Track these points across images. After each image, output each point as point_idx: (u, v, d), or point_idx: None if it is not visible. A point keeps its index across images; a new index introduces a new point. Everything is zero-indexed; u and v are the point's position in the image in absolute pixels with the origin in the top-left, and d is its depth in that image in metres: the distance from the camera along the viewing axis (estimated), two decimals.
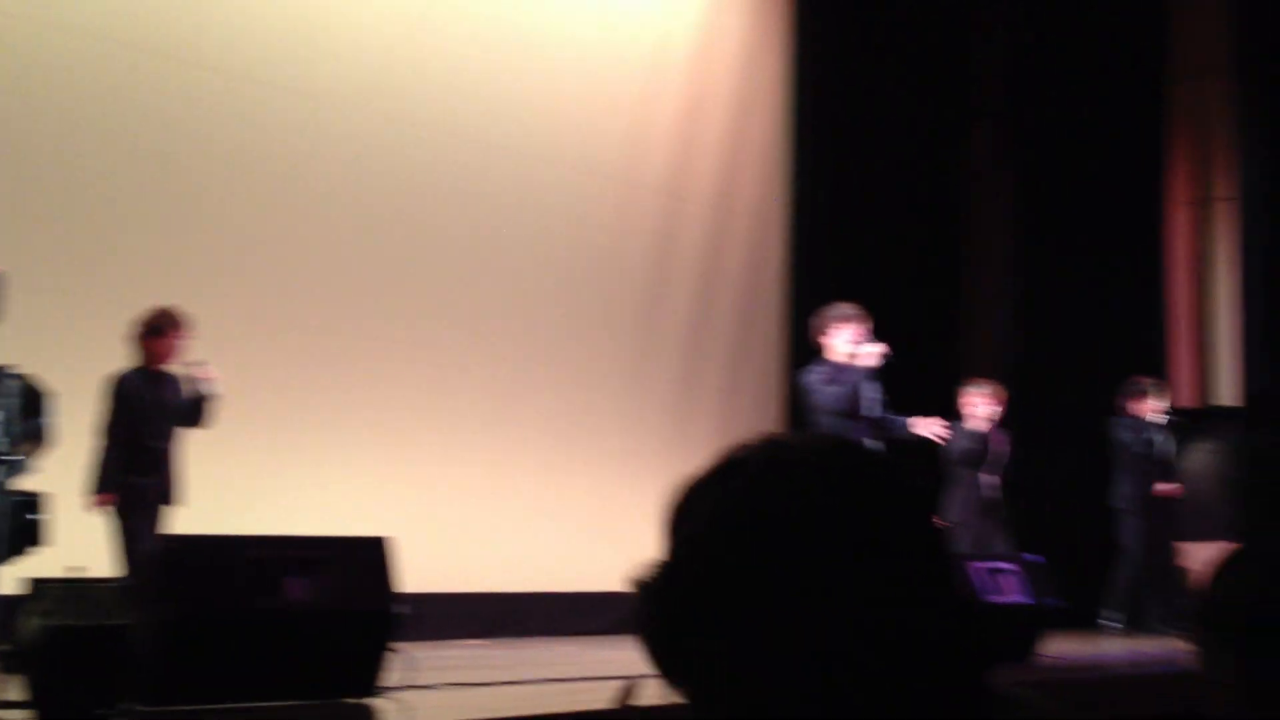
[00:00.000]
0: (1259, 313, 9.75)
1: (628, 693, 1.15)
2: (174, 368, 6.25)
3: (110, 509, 5.89)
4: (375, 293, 7.91)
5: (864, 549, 0.95)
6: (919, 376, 8.83)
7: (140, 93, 7.14)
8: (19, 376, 3.31)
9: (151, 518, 5.95)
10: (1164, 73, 10.69)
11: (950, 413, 8.46)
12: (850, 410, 6.65)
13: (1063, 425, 10.46)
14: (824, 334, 6.82)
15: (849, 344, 6.70)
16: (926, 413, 7.35)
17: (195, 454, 6.72)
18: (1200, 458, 10.57)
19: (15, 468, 4.09)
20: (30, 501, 3.45)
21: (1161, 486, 8.96)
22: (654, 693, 1.04)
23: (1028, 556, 5.96)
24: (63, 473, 5.44)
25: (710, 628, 0.96)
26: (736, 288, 9.79)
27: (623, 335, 9.08)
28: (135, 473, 6.02)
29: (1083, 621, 9.09)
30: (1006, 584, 5.54)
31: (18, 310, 5.29)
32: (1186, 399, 10.61)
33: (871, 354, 6.65)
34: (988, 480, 8.26)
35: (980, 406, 8.28)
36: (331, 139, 7.80)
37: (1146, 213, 10.52)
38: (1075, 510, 10.11)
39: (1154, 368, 10.03)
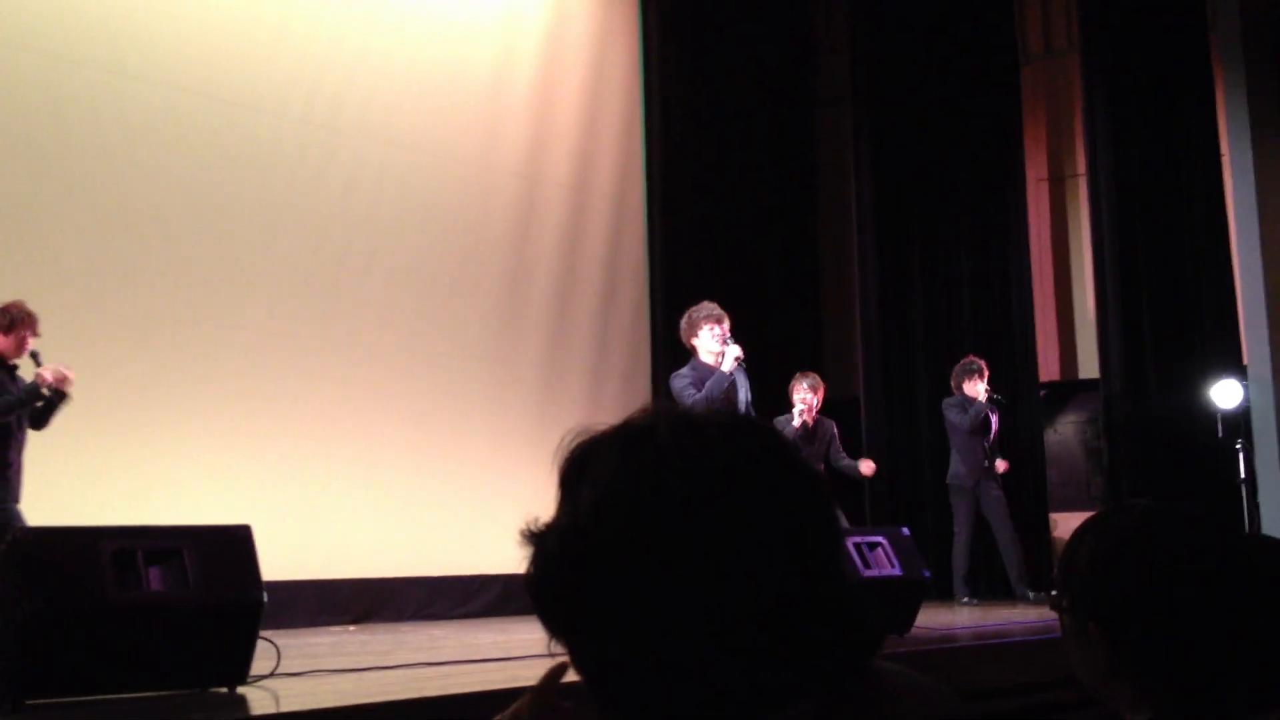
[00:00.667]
0: (1110, 288, 10.04)
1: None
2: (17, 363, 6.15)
3: None
4: (229, 280, 7.73)
5: (763, 526, 0.96)
6: (780, 361, 8.95)
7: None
8: None
9: (12, 512, 5.82)
10: (1016, 52, 10.92)
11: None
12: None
13: (929, 404, 10.69)
14: (694, 336, 6.73)
15: (715, 342, 6.64)
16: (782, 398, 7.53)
17: (50, 446, 6.51)
18: (1065, 430, 10.90)
19: None
20: None
21: (1001, 464, 9.20)
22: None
23: (894, 530, 6.06)
24: None
25: (603, 591, 0.96)
26: (598, 269, 9.82)
27: (486, 318, 9.03)
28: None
29: (949, 594, 9.34)
30: (878, 558, 5.63)
31: None
32: (1053, 373, 10.92)
33: (729, 358, 6.58)
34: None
35: (798, 397, 8.28)
36: (172, 126, 7.60)
37: (1005, 191, 10.76)
38: (940, 485, 10.37)
39: (1020, 341, 10.30)
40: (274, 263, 7.94)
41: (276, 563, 4.79)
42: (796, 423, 8.15)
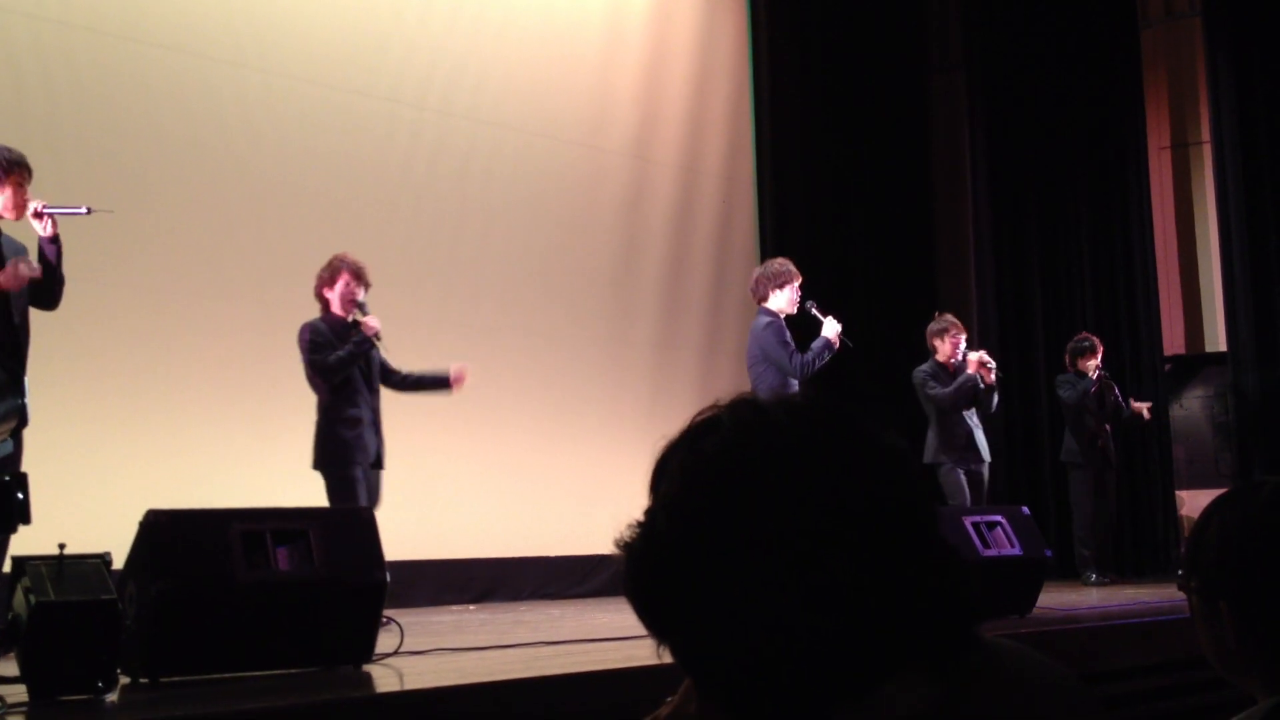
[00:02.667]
0: (1238, 256, 9.74)
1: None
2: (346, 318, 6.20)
3: (327, 463, 5.91)
4: None
5: (835, 506, 0.95)
6: (894, 335, 8.85)
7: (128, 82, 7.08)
8: None
9: (365, 473, 5.96)
10: (1136, 16, 10.62)
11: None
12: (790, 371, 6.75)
13: (1048, 380, 10.49)
14: (765, 297, 6.87)
15: (789, 304, 6.83)
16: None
17: (170, 427, 6.71)
18: (1191, 405, 10.62)
19: None
20: (18, 480, 3.45)
21: (1136, 404, 8.96)
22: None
23: (1014, 508, 5.96)
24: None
25: (689, 586, 0.97)
26: (709, 249, 9.80)
27: (599, 299, 9.08)
28: (347, 425, 6.01)
29: (1074, 573, 9.19)
30: (997, 537, 5.54)
31: None
32: (1178, 346, 10.64)
33: (831, 330, 6.79)
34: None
35: (952, 338, 7.98)
36: (289, 114, 7.75)
37: (1126, 159, 10.49)
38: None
39: (1144, 315, 10.05)
40: (389, 246, 8.06)
41: (397, 543, 4.88)
42: (972, 369, 7.83)
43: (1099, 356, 8.92)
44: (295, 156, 7.73)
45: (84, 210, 5.15)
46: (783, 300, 6.83)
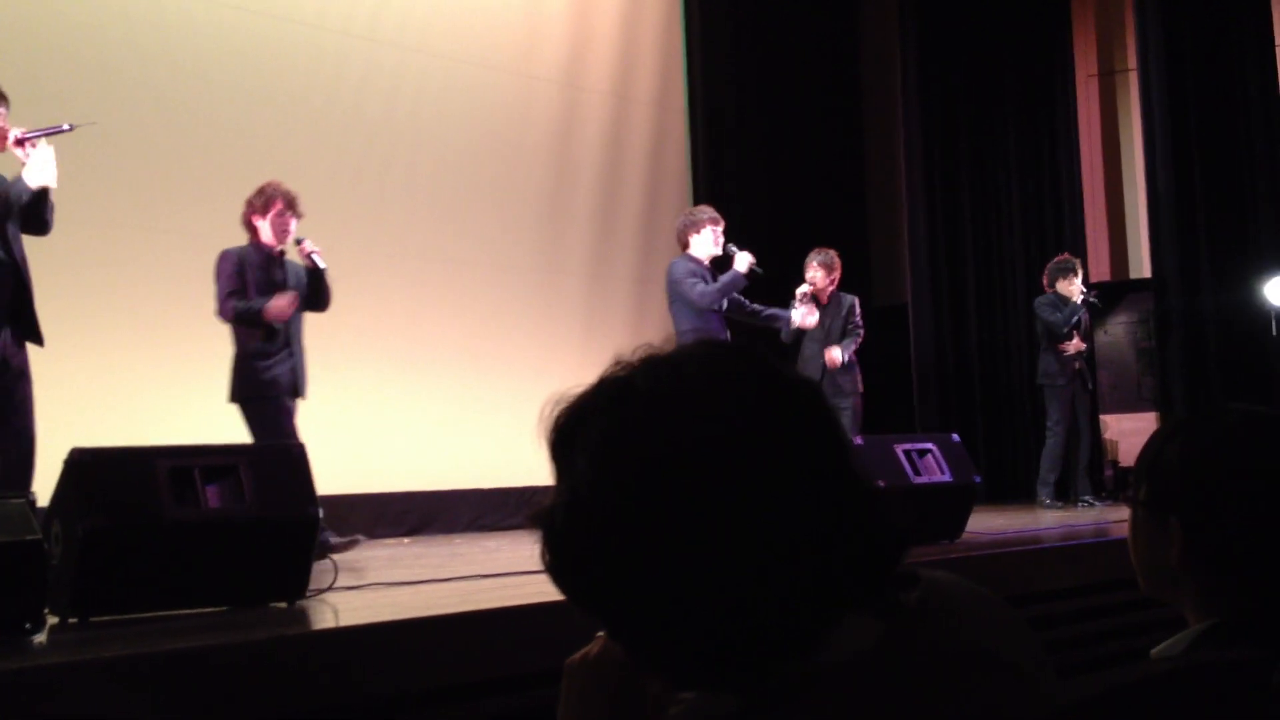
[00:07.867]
0: (1163, 184, 9.86)
1: None
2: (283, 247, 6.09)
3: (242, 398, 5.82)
4: None
5: (761, 452, 0.94)
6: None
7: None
8: None
9: (283, 406, 5.85)
10: None
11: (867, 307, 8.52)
12: (718, 308, 7.05)
13: (979, 308, 10.61)
14: (695, 233, 7.14)
15: (712, 246, 7.11)
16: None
17: (94, 366, 6.59)
18: (1115, 331, 10.79)
19: None
20: None
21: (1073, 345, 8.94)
22: None
23: (944, 436, 6.03)
24: None
25: (618, 559, 0.95)
26: (641, 175, 9.75)
27: (530, 226, 9.02)
28: (264, 357, 5.89)
29: (1009, 496, 9.35)
30: (927, 464, 5.60)
31: None
32: (1103, 273, 10.79)
33: (744, 261, 7.02)
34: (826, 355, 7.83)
35: (807, 275, 7.89)
36: (212, 38, 7.58)
37: (1054, 87, 10.56)
38: (998, 387, 10.32)
39: (1071, 243, 10.16)
40: (316, 176, 7.91)
41: (330, 477, 4.85)
42: (796, 311, 7.62)
43: (1080, 277, 8.92)
44: (220, 84, 7.55)
45: (66, 127, 5.02)
46: (702, 244, 7.12)
